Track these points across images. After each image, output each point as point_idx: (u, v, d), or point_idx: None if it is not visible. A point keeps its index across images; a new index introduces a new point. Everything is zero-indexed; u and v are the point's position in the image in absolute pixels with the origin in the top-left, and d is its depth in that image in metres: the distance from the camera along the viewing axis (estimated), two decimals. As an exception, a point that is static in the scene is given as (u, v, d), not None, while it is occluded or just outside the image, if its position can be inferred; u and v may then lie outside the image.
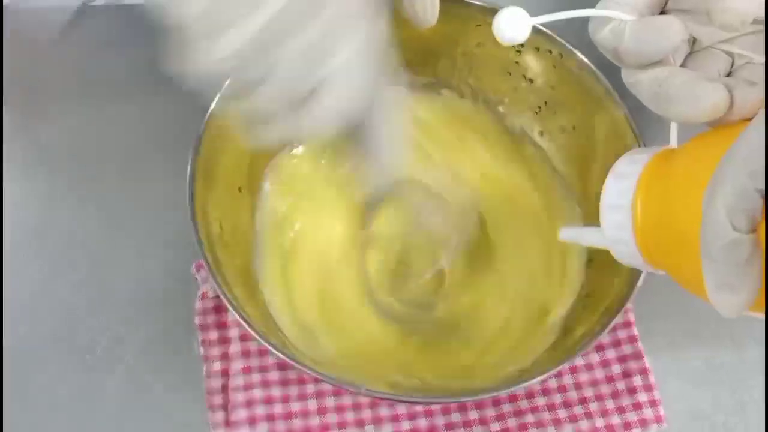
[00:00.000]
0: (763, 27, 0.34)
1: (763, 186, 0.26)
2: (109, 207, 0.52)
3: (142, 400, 0.46)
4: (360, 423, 0.46)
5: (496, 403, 0.47)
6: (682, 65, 0.36)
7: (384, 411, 0.46)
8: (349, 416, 0.46)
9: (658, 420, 0.47)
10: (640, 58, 0.34)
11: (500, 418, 0.47)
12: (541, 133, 0.53)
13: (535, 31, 0.48)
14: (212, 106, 0.45)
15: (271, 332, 0.44)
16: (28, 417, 0.46)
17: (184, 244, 0.48)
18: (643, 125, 0.45)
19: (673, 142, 0.35)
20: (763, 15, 0.33)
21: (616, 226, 0.34)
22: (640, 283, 0.43)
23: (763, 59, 0.34)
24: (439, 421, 0.47)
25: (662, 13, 0.36)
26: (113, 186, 0.53)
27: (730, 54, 0.35)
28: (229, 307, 0.41)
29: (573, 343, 0.44)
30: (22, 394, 0.46)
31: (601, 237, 0.35)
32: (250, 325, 0.40)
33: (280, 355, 0.40)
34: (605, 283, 0.46)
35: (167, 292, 0.49)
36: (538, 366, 0.45)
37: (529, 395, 0.48)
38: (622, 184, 0.34)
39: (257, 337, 0.40)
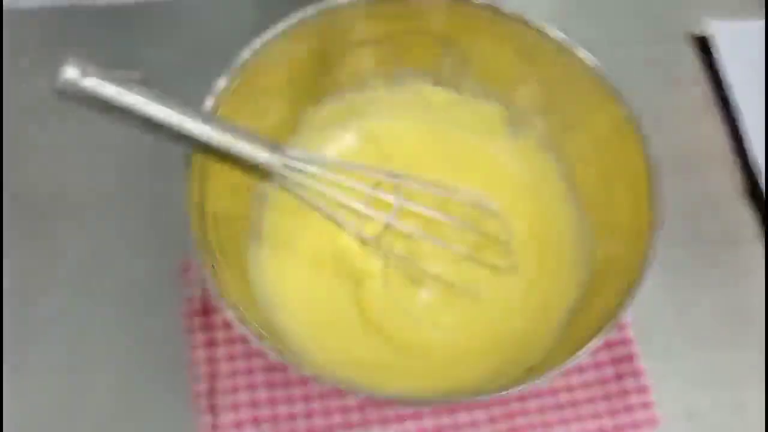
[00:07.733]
0: None
1: None
2: (97, 210, 0.52)
3: (130, 402, 0.47)
4: (348, 426, 0.46)
5: (487, 405, 0.47)
6: None
7: (371, 415, 0.46)
8: (336, 419, 0.46)
9: (652, 423, 0.47)
10: None
11: (492, 420, 0.47)
12: (543, 132, 0.52)
13: (538, 28, 0.47)
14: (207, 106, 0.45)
15: (273, 337, 0.44)
16: (20, 417, 0.46)
17: (172, 245, 0.49)
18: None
19: None
20: None
21: None
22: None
23: None
24: (428, 423, 0.46)
25: None
26: (101, 188, 0.53)
27: None
28: (234, 318, 0.40)
29: (576, 341, 0.43)
30: (13, 394, 0.46)
31: None
32: (247, 327, 0.40)
33: (286, 362, 0.39)
34: (607, 279, 0.45)
35: (155, 295, 0.49)
36: (535, 370, 0.44)
37: (521, 398, 0.47)
38: None
39: (264, 348, 0.39)
